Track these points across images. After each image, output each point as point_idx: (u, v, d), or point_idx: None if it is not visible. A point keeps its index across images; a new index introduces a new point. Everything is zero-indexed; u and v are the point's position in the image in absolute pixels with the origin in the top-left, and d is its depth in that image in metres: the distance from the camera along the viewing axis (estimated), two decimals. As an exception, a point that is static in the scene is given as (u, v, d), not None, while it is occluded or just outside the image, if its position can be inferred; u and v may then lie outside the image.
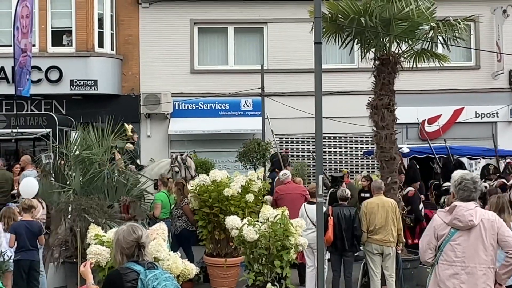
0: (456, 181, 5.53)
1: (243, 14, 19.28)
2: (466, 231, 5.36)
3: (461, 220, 5.36)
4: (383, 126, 11.29)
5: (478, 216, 5.37)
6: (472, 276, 5.33)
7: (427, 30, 11.75)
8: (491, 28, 19.52)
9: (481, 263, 5.33)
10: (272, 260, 8.16)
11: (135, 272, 4.15)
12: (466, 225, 5.35)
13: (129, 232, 4.22)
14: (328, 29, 11.68)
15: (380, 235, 9.62)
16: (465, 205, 5.41)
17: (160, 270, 4.27)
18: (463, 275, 5.35)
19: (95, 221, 8.57)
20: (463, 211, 5.37)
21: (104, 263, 6.63)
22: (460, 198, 5.47)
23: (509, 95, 19.79)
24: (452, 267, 5.40)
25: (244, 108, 19.20)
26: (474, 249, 5.34)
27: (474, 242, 5.34)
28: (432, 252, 5.53)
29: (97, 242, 6.95)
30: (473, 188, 5.47)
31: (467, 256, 5.35)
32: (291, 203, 10.41)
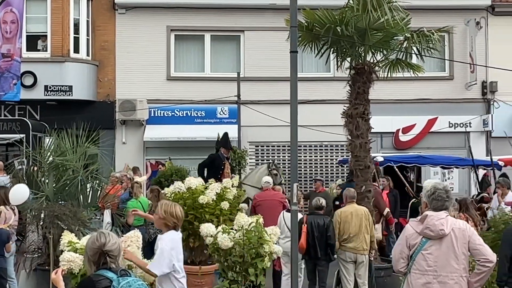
0: (429, 191, 5.58)
1: (220, 21, 19.32)
2: (438, 240, 5.41)
3: (433, 229, 5.41)
4: (357, 135, 11.36)
5: (449, 225, 5.42)
6: (444, 285, 5.38)
7: (402, 41, 11.88)
8: (465, 39, 19.82)
9: (452, 272, 5.38)
10: (246, 268, 8.14)
11: (107, 279, 4.11)
12: (438, 234, 5.40)
13: (93, 240, 4.20)
14: (304, 38, 11.74)
15: (353, 243, 9.68)
16: (436, 214, 5.46)
17: (133, 278, 4.24)
18: (435, 284, 5.39)
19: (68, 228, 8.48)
20: (434, 221, 5.42)
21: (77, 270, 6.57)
22: (433, 207, 5.52)
23: (482, 105, 20.10)
24: (424, 276, 5.44)
25: (220, 116, 19.21)
26: (445, 258, 5.39)
27: (446, 251, 5.39)
28: (404, 261, 5.57)
29: (70, 249, 6.89)
30: (446, 197, 5.52)
31: (439, 265, 5.40)
32: (269, 210, 10.45)
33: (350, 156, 11.81)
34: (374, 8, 10.77)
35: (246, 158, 16.56)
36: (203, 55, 19.69)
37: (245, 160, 16.35)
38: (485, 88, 19.94)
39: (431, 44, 11.71)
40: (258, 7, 19.21)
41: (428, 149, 18.96)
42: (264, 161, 19.14)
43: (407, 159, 15.40)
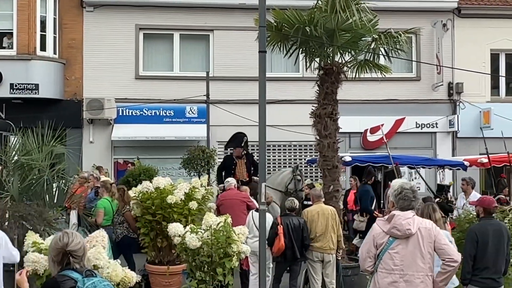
0: (396, 191, 5.63)
1: (189, 20, 19.25)
2: (404, 240, 5.47)
3: (399, 229, 5.46)
4: (326, 135, 11.43)
5: (415, 225, 5.49)
6: (410, 284, 5.44)
7: (370, 42, 11.98)
8: (431, 41, 20.08)
9: (418, 271, 5.44)
10: (214, 267, 8.15)
11: (72, 280, 4.07)
12: (404, 233, 5.45)
13: (56, 240, 4.15)
14: (273, 38, 11.77)
15: (320, 243, 9.74)
16: (403, 214, 5.52)
17: (99, 278, 4.20)
18: (401, 283, 5.45)
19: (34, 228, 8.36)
20: (401, 220, 5.48)
21: (42, 271, 6.49)
22: (400, 207, 5.58)
23: (448, 106, 20.38)
24: (390, 275, 5.49)
25: (189, 115, 19.15)
26: (412, 258, 5.44)
27: (412, 251, 5.45)
28: (371, 260, 5.62)
29: (34, 250, 6.80)
30: (412, 197, 5.58)
31: (405, 264, 5.45)
32: (231, 209, 10.44)
33: (319, 156, 11.87)
34: (343, 9, 10.86)
35: (215, 157, 16.50)
36: (172, 54, 19.60)
37: (214, 160, 16.29)
38: (451, 89, 20.23)
39: (398, 45, 11.84)
40: (228, 6, 19.19)
41: (395, 149, 19.12)
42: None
43: (375, 159, 15.52)
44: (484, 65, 20.15)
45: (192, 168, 15.92)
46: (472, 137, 19.96)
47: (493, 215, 7.65)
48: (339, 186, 11.57)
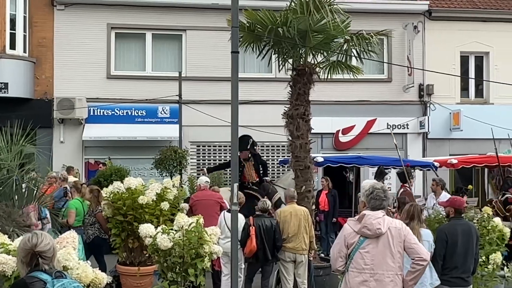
0: (367, 191, 5.70)
1: (161, 20, 19.16)
2: (375, 239, 5.52)
3: (370, 228, 5.52)
4: (298, 135, 11.47)
5: (386, 225, 5.55)
6: (380, 283, 5.50)
7: (342, 43, 12.06)
8: (403, 43, 20.29)
9: (388, 270, 5.51)
10: (186, 268, 8.10)
11: (41, 281, 4.02)
12: (375, 233, 5.51)
13: (25, 241, 4.10)
14: (246, 39, 11.78)
15: (292, 243, 9.77)
16: (374, 213, 5.58)
17: (69, 280, 4.16)
18: (372, 282, 5.51)
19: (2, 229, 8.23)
20: (372, 220, 5.53)
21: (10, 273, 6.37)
22: (372, 207, 5.64)
23: (419, 107, 20.61)
24: (361, 274, 5.54)
25: (161, 115, 19.05)
26: (382, 257, 5.51)
27: (382, 250, 5.51)
28: (342, 260, 5.67)
29: (2, 251, 6.68)
30: (384, 197, 5.66)
31: (376, 263, 5.51)
32: (205, 210, 10.43)
33: (291, 156, 11.91)
34: (316, 10, 10.91)
35: (187, 158, 16.45)
36: (144, 54, 19.48)
37: (186, 160, 16.24)
38: (422, 91, 20.46)
39: (370, 47, 11.95)
40: (200, 6, 19.15)
41: (367, 150, 19.31)
42: (206, 161, 19.17)
43: (347, 159, 15.64)
44: (454, 67, 20.42)
45: (164, 169, 15.85)
46: (442, 138, 20.25)
47: (462, 215, 7.75)
48: (311, 187, 11.63)
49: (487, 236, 9.39)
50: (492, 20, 20.87)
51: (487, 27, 20.79)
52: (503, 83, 17.76)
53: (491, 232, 9.51)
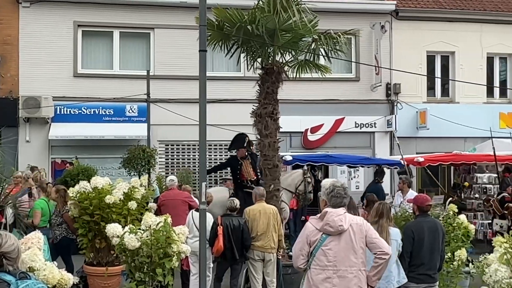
0: (327, 189, 5.77)
1: (129, 18, 19.01)
2: (337, 236, 5.58)
3: (332, 225, 5.58)
4: (266, 134, 11.50)
5: (347, 221, 5.61)
6: (343, 279, 5.55)
7: (310, 42, 12.11)
8: (370, 42, 20.45)
9: (351, 266, 5.56)
10: (154, 268, 8.06)
11: (5, 282, 3.95)
12: (337, 230, 5.57)
13: None
14: (215, 37, 11.76)
15: (261, 242, 9.77)
16: (335, 211, 5.65)
17: (33, 281, 4.09)
18: (335, 278, 5.55)
19: (-34, 230, 8.08)
20: (334, 217, 5.60)
21: (-26, 274, 6.27)
22: (332, 204, 5.70)
23: (386, 106, 20.81)
24: (324, 271, 5.59)
25: (129, 114, 18.89)
26: (344, 253, 5.56)
27: (345, 246, 5.56)
28: (304, 258, 5.71)
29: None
30: (344, 194, 5.73)
31: (338, 260, 5.56)
32: (174, 209, 10.38)
33: (259, 155, 11.93)
34: (284, 9, 10.94)
35: (156, 157, 16.36)
36: (111, 52, 19.29)
37: (155, 159, 16.14)
38: (389, 90, 20.66)
39: (337, 46, 12.03)
40: (168, 4, 19.04)
41: (335, 149, 19.43)
42: (174, 160, 19.11)
43: (315, 158, 15.71)
44: (421, 66, 20.69)
45: (132, 168, 15.74)
46: (409, 137, 20.47)
47: (428, 212, 7.84)
48: (279, 185, 11.66)
49: (453, 233, 9.52)
50: (457, 20, 21.17)
51: (452, 27, 21.10)
52: (468, 82, 18.08)
53: (457, 229, 9.65)
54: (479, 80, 20.10)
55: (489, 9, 21.54)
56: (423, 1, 21.36)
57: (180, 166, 19.07)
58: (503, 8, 21.75)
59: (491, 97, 21.79)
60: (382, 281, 7.13)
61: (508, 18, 21.51)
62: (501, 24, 21.45)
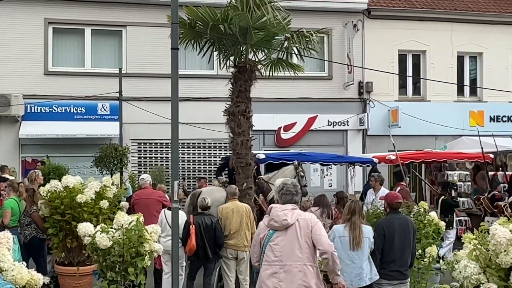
0: (278, 187, 5.87)
1: (100, 15, 18.82)
2: (283, 231, 5.64)
3: (276, 220, 5.66)
4: (239, 132, 11.50)
5: (294, 216, 5.66)
6: (289, 274, 5.59)
7: (283, 40, 12.14)
8: (343, 41, 20.57)
9: (296, 261, 5.59)
10: (126, 267, 8.01)
11: (-28, 284, 3.90)
12: (281, 224, 5.64)
13: None
14: (187, 35, 11.72)
15: (234, 240, 9.78)
16: (280, 206, 5.74)
17: (1, 281, 4.05)
18: (281, 273, 5.61)
19: None
20: (278, 212, 5.69)
21: None
22: (283, 202, 5.78)
23: (359, 105, 20.94)
24: (271, 266, 5.65)
25: (101, 112, 18.72)
26: (290, 248, 5.61)
27: (291, 241, 5.61)
28: (257, 255, 5.85)
29: None
30: (294, 191, 5.79)
31: (284, 255, 5.62)
32: (146, 209, 10.33)
33: (232, 153, 11.92)
34: (257, 7, 10.94)
35: (128, 155, 16.24)
36: (83, 50, 19.09)
37: (127, 158, 16.03)
38: (361, 88, 20.78)
39: (310, 45, 12.07)
40: (141, 2, 18.90)
41: (308, 147, 19.52)
42: (147, 159, 19.00)
43: (288, 156, 15.72)
44: (393, 65, 20.86)
45: (104, 167, 15.61)
46: (381, 135, 20.63)
47: (399, 210, 7.91)
48: (252, 183, 11.67)
49: (424, 230, 9.62)
50: (428, 20, 21.39)
51: (424, 26, 21.31)
52: (439, 81, 18.28)
53: (427, 226, 9.76)
54: (449, 79, 20.37)
55: (459, 9, 21.81)
56: (394, 0, 21.53)
57: (153, 164, 18.97)
58: (473, 8, 22.04)
59: (461, 96, 22.06)
60: (355, 278, 7.21)
61: (478, 17, 21.81)
62: (471, 23, 21.72)
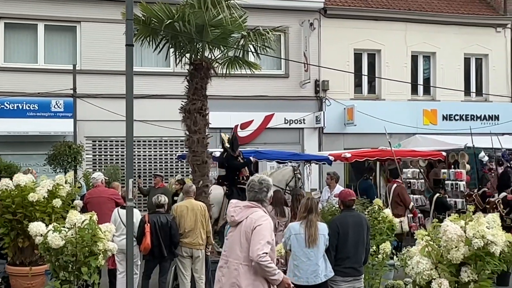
0: (247, 185, 5.84)
1: (54, 11, 18.48)
2: (234, 227, 5.68)
3: (228, 215, 5.77)
4: (195, 130, 11.45)
5: (242, 214, 5.63)
6: (228, 270, 5.61)
7: (239, 38, 12.13)
8: (299, 39, 20.67)
9: (235, 259, 5.58)
10: (79, 266, 7.89)
11: None
12: (230, 220, 5.73)
13: None
14: (142, 32, 11.61)
15: (189, 238, 9.73)
16: (236, 202, 5.78)
17: None
18: (225, 268, 5.65)
19: None
20: (230, 207, 5.75)
21: None
22: (248, 198, 5.77)
23: (315, 103, 21.10)
24: (222, 259, 5.75)
25: (54, 109, 18.39)
26: (234, 245, 5.63)
27: (236, 238, 5.62)
28: None
29: None
30: (257, 189, 5.72)
31: (229, 250, 5.68)
32: (99, 207, 10.20)
33: (188, 151, 11.86)
34: (213, 5, 10.90)
35: (83, 153, 16.02)
36: (36, 46, 18.70)
37: (81, 156, 15.81)
38: (317, 87, 20.94)
39: (266, 43, 12.09)
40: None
41: (265, 145, 19.56)
42: (102, 157, 18.76)
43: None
44: (348, 64, 21.07)
45: (58, 165, 15.40)
46: (337, 133, 20.84)
47: (353, 207, 7.99)
48: (208, 182, 11.64)
49: (377, 226, 9.76)
50: (383, 19, 21.69)
51: (379, 25, 21.59)
52: (394, 80, 18.55)
53: (381, 223, 9.90)
54: (404, 78, 20.70)
55: (413, 9, 22.19)
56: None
57: (108, 162, 18.74)
58: (426, 8, 22.45)
59: (415, 95, 22.44)
60: (310, 275, 7.26)
61: (432, 17, 22.22)
62: (425, 23, 22.12)
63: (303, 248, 7.28)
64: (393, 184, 13.94)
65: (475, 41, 22.65)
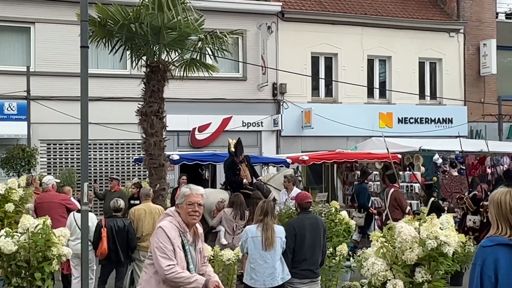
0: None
1: (6, 11, 18.09)
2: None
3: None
4: (152, 133, 11.37)
5: (159, 222, 5.30)
6: None
7: (196, 41, 12.10)
8: (257, 42, 20.73)
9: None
10: (32, 272, 7.73)
11: None
12: None
13: None
14: (97, 34, 11.47)
15: (147, 242, 9.58)
16: (168, 209, 5.63)
17: None
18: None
19: None
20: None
21: None
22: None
23: (273, 106, 21.17)
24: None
25: (7, 112, 17.99)
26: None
27: None
28: None
29: None
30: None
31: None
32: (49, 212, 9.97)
33: (145, 154, 11.77)
34: (169, 7, 10.84)
35: (37, 156, 15.72)
36: (-12, 47, 18.32)
37: (36, 159, 15.52)
38: (275, 90, 21.01)
39: (224, 46, 12.09)
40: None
41: (223, 147, 19.45)
42: (57, 160, 18.43)
43: (203, 157, 15.69)
44: (306, 67, 21.20)
45: (11, 168, 15.12)
46: (294, 136, 20.95)
47: (309, 209, 8.03)
48: (165, 185, 11.57)
49: (334, 228, 9.84)
50: (340, 23, 21.91)
51: (335, 29, 21.81)
52: (350, 83, 18.74)
53: (338, 225, 10.00)
54: (360, 81, 20.93)
55: (369, 13, 22.48)
56: (307, 3, 21.91)
57: (63, 166, 18.42)
58: (382, 13, 22.77)
59: (371, 98, 22.73)
60: (267, 278, 7.27)
61: (387, 22, 22.55)
62: (381, 27, 22.44)
63: (260, 251, 7.29)
64: (390, 189, 14.09)
65: (429, 46, 23.08)
